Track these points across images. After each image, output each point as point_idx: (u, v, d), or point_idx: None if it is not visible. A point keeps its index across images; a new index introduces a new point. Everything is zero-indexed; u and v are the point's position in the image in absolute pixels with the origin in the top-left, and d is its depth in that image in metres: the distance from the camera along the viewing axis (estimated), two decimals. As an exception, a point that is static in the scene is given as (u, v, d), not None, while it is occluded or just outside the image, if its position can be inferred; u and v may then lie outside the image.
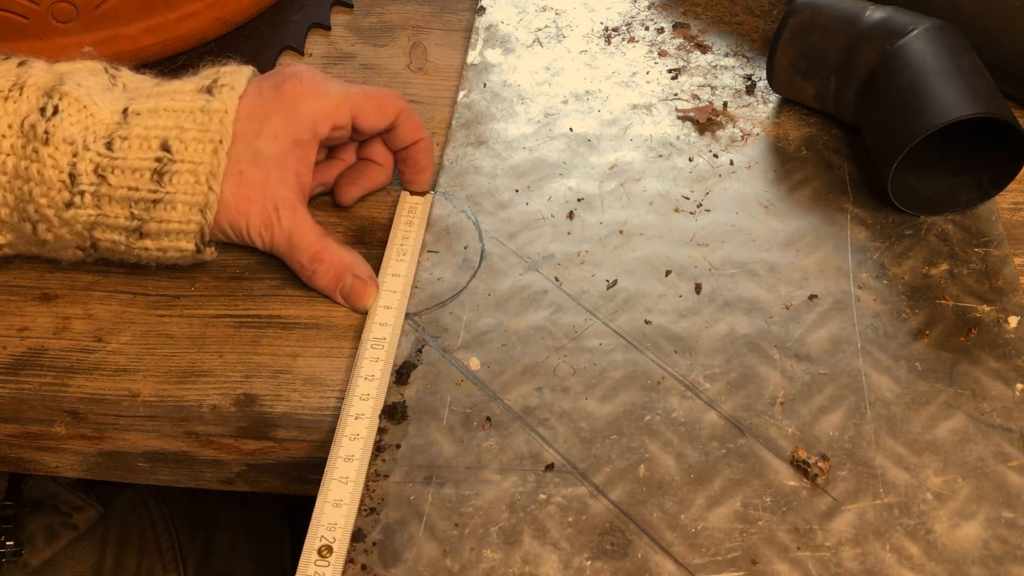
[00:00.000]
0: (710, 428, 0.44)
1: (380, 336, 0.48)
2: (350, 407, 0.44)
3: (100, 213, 0.46)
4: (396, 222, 0.53)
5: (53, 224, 0.46)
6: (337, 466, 0.42)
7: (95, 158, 0.45)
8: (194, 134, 0.46)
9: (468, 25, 0.68)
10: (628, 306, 0.49)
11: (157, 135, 0.46)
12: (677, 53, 0.64)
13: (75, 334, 0.49)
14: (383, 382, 0.45)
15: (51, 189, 0.45)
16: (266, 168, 0.48)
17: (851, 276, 0.50)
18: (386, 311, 0.49)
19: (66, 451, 0.47)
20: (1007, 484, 0.42)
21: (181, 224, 0.47)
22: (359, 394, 0.45)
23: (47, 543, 0.62)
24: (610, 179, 0.56)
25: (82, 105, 0.46)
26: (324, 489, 0.41)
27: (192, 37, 0.63)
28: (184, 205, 0.46)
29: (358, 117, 0.50)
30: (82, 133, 0.45)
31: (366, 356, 0.46)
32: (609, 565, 0.40)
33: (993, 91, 0.51)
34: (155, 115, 0.46)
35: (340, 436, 0.43)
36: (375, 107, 0.51)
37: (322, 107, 0.49)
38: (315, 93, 0.49)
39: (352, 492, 0.41)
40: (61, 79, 0.46)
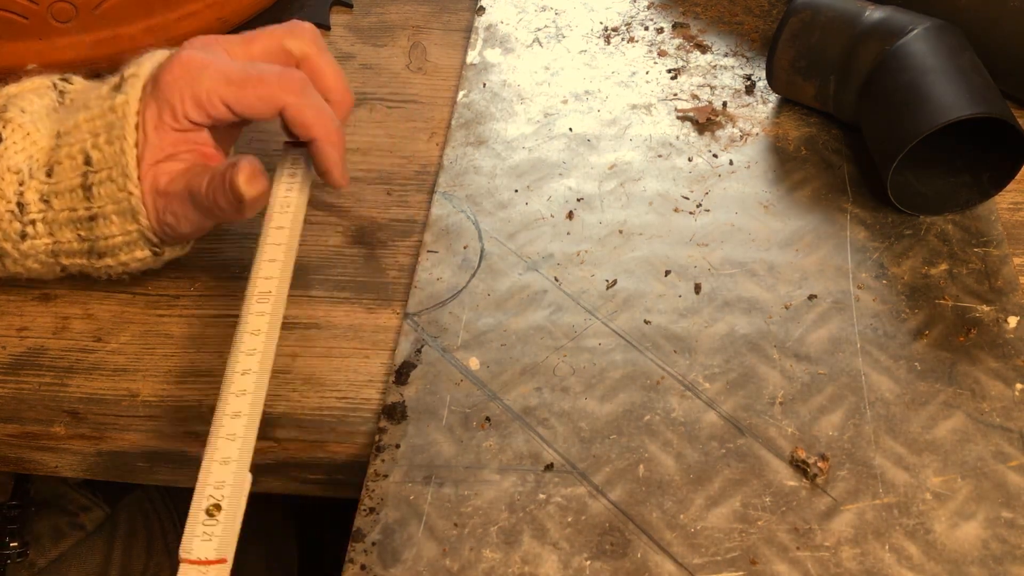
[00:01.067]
0: (710, 428, 0.44)
1: (266, 290, 0.44)
2: (235, 364, 0.41)
3: (55, 240, 0.46)
4: (278, 175, 0.48)
5: (15, 257, 0.46)
6: (224, 423, 0.39)
7: (39, 186, 0.45)
8: (104, 137, 0.45)
9: (468, 25, 0.68)
10: (628, 306, 0.49)
11: (80, 150, 0.45)
12: (677, 53, 0.64)
13: (75, 334, 0.49)
14: (271, 337, 0.43)
15: (2, 221, 0.45)
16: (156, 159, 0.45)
17: (851, 276, 0.50)
18: (271, 264, 0.45)
19: (66, 451, 0.47)
20: (1007, 484, 0.42)
21: (123, 236, 0.46)
22: (244, 350, 0.42)
23: (54, 543, 0.62)
24: (610, 179, 0.56)
25: (26, 132, 0.45)
26: (211, 448, 0.39)
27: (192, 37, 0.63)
28: (116, 216, 0.45)
29: (234, 107, 0.45)
30: (27, 162, 0.45)
31: (252, 311, 0.43)
32: (609, 565, 0.40)
33: (993, 91, 0.51)
34: (77, 130, 0.46)
35: (226, 393, 0.40)
36: (254, 99, 0.45)
37: (192, 94, 0.44)
38: (185, 79, 0.45)
39: (240, 449, 0.39)
40: (6, 105, 0.46)
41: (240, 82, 0.45)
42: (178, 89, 0.45)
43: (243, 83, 0.45)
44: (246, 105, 0.45)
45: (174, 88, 0.45)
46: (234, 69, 0.46)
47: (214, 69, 0.45)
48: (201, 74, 0.45)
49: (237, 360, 0.42)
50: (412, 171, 0.57)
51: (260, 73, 0.46)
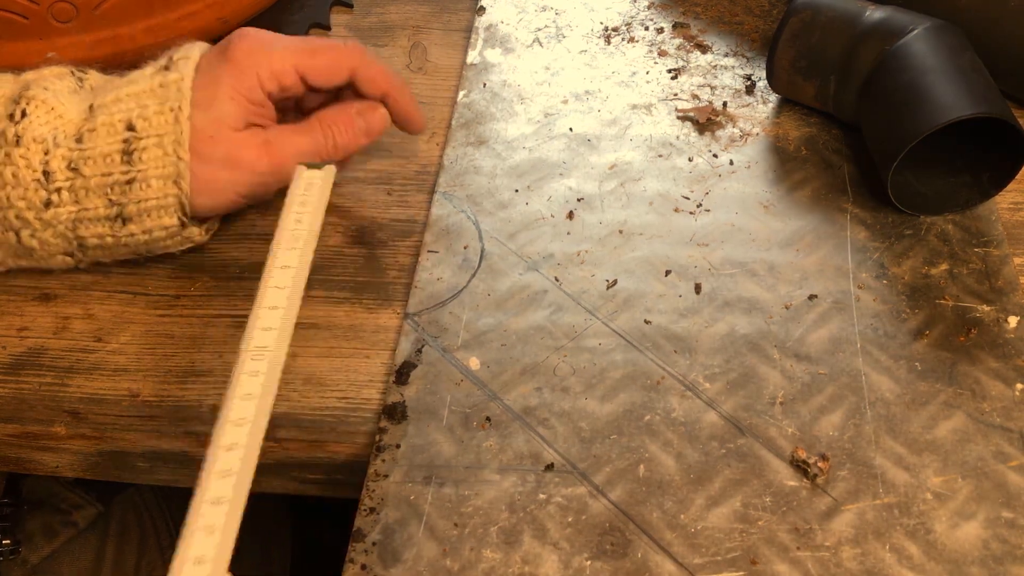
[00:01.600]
0: (710, 428, 0.44)
1: (263, 344, 0.40)
2: (221, 436, 0.37)
3: (80, 208, 0.46)
4: (288, 202, 0.47)
5: (35, 228, 0.46)
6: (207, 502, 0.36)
7: (66, 153, 0.46)
8: (155, 108, 0.46)
9: (468, 25, 0.68)
10: (628, 306, 0.49)
11: (122, 119, 0.46)
12: (677, 53, 0.64)
13: (75, 334, 0.49)
14: (264, 401, 0.39)
15: (27, 190, 0.45)
16: (232, 127, 0.47)
17: (851, 276, 0.50)
18: (272, 312, 0.42)
19: (66, 451, 0.47)
20: (1007, 484, 0.42)
21: (159, 200, 0.47)
22: (233, 419, 0.38)
23: (46, 541, 0.62)
24: (610, 179, 0.56)
25: (50, 107, 0.46)
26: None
27: (192, 37, 0.63)
28: (157, 180, 0.46)
29: (307, 75, 0.49)
30: (52, 132, 0.46)
31: (244, 370, 0.39)
32: (609, 565, 0.40)
33: (993, 91, 0.51)
34: (118, 103, 0.47)
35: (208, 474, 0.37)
36: (325, 65, 0.50)
37: (267, 65, 0.48)
38: (260, 51, 0.48)
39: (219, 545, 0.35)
40: (27, 85, 0.47)
41: (311, 52, 0.49)
42: (254, 60, 0.48)
43: (313, 52, 0.49)
44: (318, 72, 0.50)
45: (250, 59, 0.48)
46: (302, 42, 0.50)
47: (285, 42, 0.49)
48: (273, 45, 0.49)
49: (224, 431, 0.38)
50: (412, 171, 0.57)
51: (327, 43, 0.50)
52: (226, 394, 0.39)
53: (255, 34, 0.49)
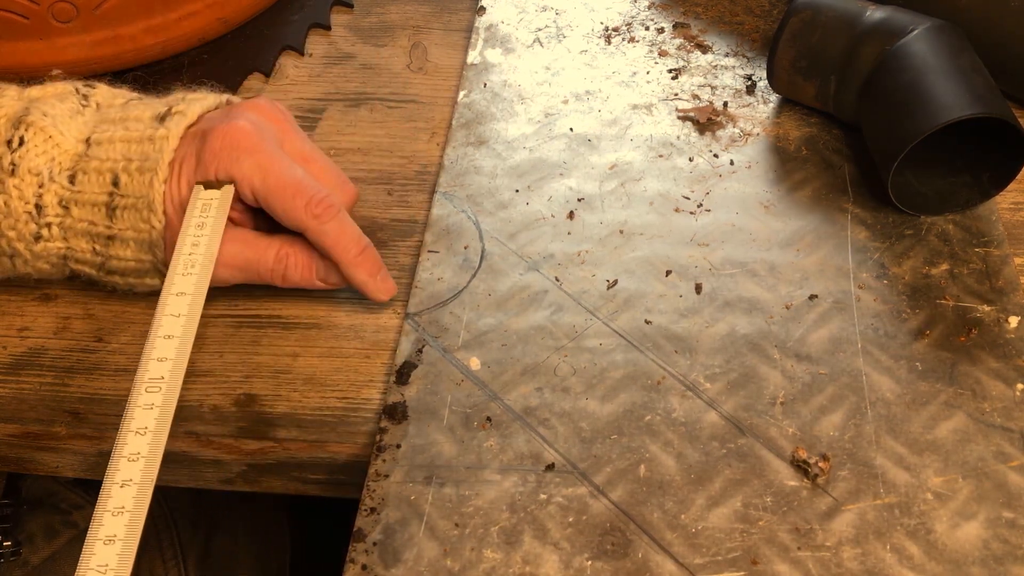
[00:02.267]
0: (710, 428, 0.44)
1: (157, 375, 0.40)
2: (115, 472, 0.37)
3: (68, 246, 0.46)
4: (185, 224, 0.45)
5: (27, 258, 0.47)
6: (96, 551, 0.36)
7: (59, 190, 0.45)
8: (137, 165, 0.46)
9: (468, 25, 0.68)
10: (628, 306, 0.49)
11: (109, 168, 0.46)
12: (677, 53, 0.64)
13: (75, 334, 0.49)
14: (158, 435, 0.38)
15: (18, 221, 0.45)
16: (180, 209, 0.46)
17: (851, 276, 0.50)
18: (167, 341, 0.41)
19: (66, 451, 0.47)
20: (1007, 484, 0.42)
21: (137, 263, 0.47)
22: (127, 454, 0.38)
23: (47, 541, 0.62)
24: (610, 179, 0.56)
25: (47, 135, 0.46)
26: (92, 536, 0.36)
27: (192, 37, 0.63)
28: (135, 243, 0.46)
29: (262, 203, 0.46)
30: (48, 164, 0.45)
31: (139, 403, 0.39)
32: (609, 565, 0.40)
33: (993, 91, 0.51)
34: (111, 146, 0.46)
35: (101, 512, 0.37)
36: (278, 206, 0.46)
37: (227, 171, 0.46)
38: (230, 154, 0.45)
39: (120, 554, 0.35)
40: (28, 108, 0.46)
41: (274, 186, 0.46)
42: (217, 162, 0.46)
43: (277, 188, 0.46)
44: (271, 209, 0.46)
45: (214, 159, 0.46)
46: (276, 168, 0.46)
47: (259, 157, 0.46)
48: (245, 157, 0.46)
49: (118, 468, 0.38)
50: (413, 171, 0.57)
51: (296, 185, 0.46)
52: (120, 428, 0.39)
53: (239, 131, 0.46)
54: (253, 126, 0.46)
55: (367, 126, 0.60)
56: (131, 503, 0.37)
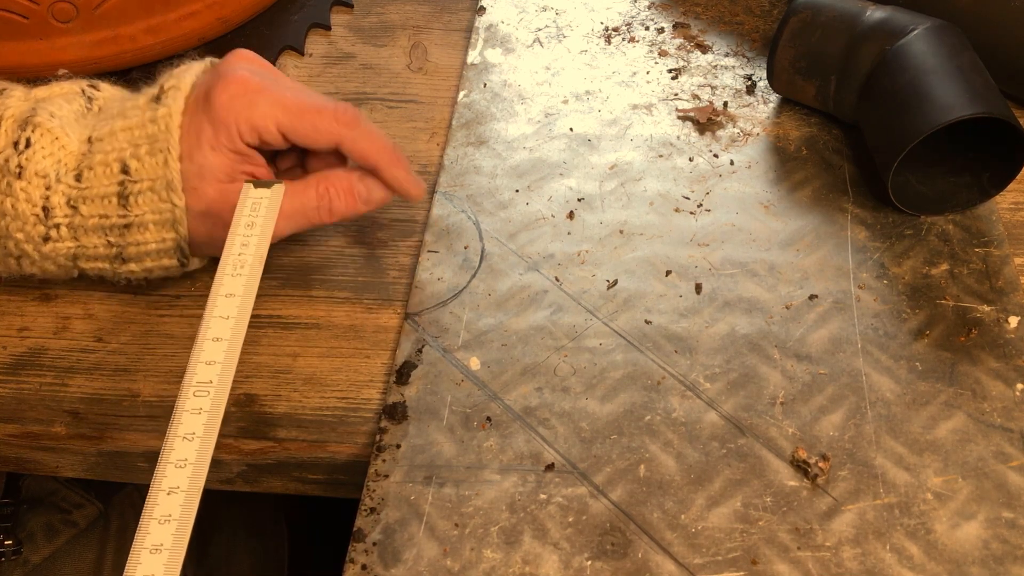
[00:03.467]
0: (710, 428, 0.44)
1: (206, 379, 0.39)
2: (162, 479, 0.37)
3: (79, 244, 0.46)
4: (235, 224, 0.45)
5: (34, 259, 0.47)
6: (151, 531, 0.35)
7: (66, 191, 0.45)
8: (146, 149, 0.45)
9: (468, 25, 0.68)
10: (628, 306, 0.49)
11: (116, 158, 0.46)
12: (677, 53, 0.64)
13: (75, 334, 0.49)
14: (207, 441, 0.38)
15: (26, 224, 0.45)
16: (216, 179, 0.46)
17: (851, 276, 0.50)
18: (216, 344, 0.40)
19: (66, 451, 0.47)
20: (1007, 484, 0.42)
21: (158, 244, 0.46)
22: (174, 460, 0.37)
23: (47, 540, 0.62)
24: (610, 179, 0.56)
25: (54, 136, 0.46)
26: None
27: (192, 37, 0.63)
28: (155, 224, 0.46)
29: (289, 135, 0.46)
30: (55, 166, 0.45)
31: (186, 408, 0.38)
32: (609, 565, 0.40)
33: (993, 91, 0.51)
34: (113, 138, 0.46)
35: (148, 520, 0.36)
36: (307, 128, 0.46)
37: (247, 117, 0.45)
38: (241, 103, 0.45)
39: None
40: (35, 109, 0.46)
41: (297, 111, 0.46)
42: (234, 111, 0.45)
43: (300, 112, 0.46)
44: (301, 135, 0.46)
45: (229, 110, 0.45)
46: (290, 97, 0.46)
47: (270, 94, 0.46)
48: (257, 98, 0.45)
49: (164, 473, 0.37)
50: (413, 171, 0.57)
51: (316, 104, 0.46)
52: (167, 432, 0.38)
53: (241, 79, 0.45)
54: (250, 72, 0.46)
55: (367, 126, 0.60)
56: (178, 511, 0.36)
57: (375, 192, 0.48)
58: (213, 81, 0.46)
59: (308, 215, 0.48)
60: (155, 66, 0.63)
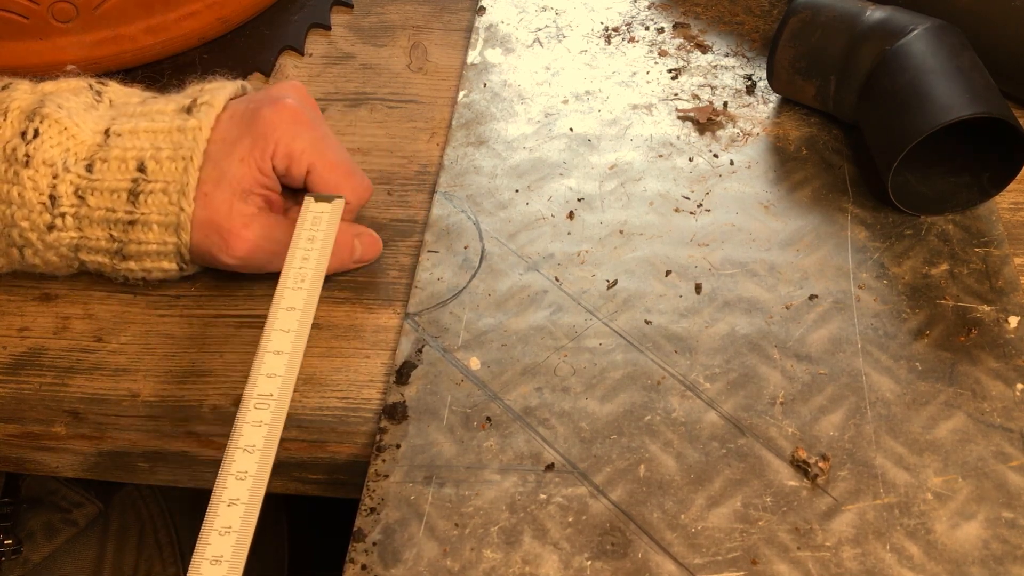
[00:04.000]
0: (710, 428, 0.44)
1: (267, 392, 0.39)
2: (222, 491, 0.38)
3: (82, 235, 0.47)
4: (296, 238, 0.46)
5: (38, 248, 0.47)
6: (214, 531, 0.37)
7: (75, 180, 0.46)
8: (168, 153, 0.46)
9: (468, 25, 0.68)
10: (628, 306, 0.49)
11: (134, 156, 0.46)
12: (677, 53, 0.64)
13: (75, 334, 0.49)
14: (267, 453, 0.38)
15: (32, 212, 0.46)
16: (230, 189, 0.46)
17: (851, 276, 0.50)
18: (276, 357, 0.41)
19: (66, 451, 0.47)
20: (1007, 484, 0.42)
21: (159, 246, 0.47)
22: (235, 472, 0.38)
23: (47, 539, 0.63)
24: (610, 179, 0.56)
25: (63, 127, 0.46)
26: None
27: (192, 37, 0.63)
28: (159, 226, 0.46)
29: (311, 180, 0.48)
30: (62, 155, 0.46)
31: (247, 420, 0.39)
32: (609, 565, 0.40)
33: (993, 91, 0.51)
34: (134, 136, 0.47)
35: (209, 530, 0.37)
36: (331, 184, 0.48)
37: (287, 144, 0.47)
38: (289, 128, 0.47)
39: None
40: (42, 101, 0.47)
41: (331, 164, 0.48)
42: (277, 132, 0.47)
43: (333, 167, 0.48)
44: (320, 186, 0.48)
45: (274, 129, 0.47)
46: (332, 148, 0.49)
47: (315, 135, 0.48)
48: (302, 131, 0.47)
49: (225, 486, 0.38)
50: (412, 171, 0.57)
51: (348, 167, 0.49)
52: (228, 445, 0.39)
53: (294, 110, 0.47)
54: (301, 106, 0.48)
55: (367, 126, 0.60)
56: (238, 523, 0.37)
57: (368, 254, 0.51)
58: (265, 101, 0.47)
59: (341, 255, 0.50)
60: (155, 66, 0.63)
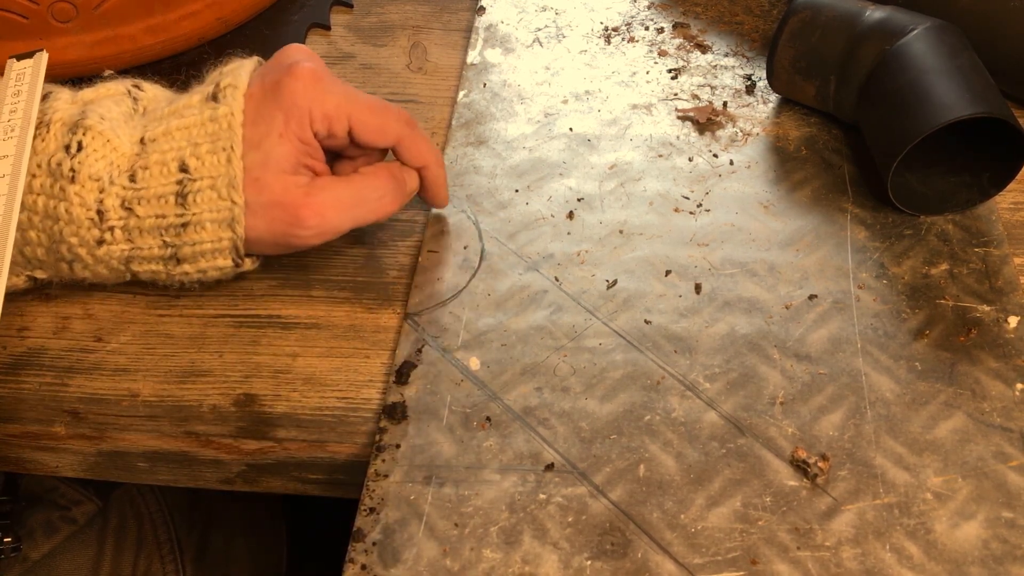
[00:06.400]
0: (710, 428, 0.44)
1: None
2: None
3: (133, 247, 0.46)
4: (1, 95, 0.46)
5: (88, 263, 0.46)
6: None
7: (121, 192, 0.45)
8: (207, 147, 0.45)
9: (468, 25, 0.68)
10: (628, 306, 0.49)
11: (174, 156, 0.45)
12: (677, 53, 0.64)
13: (75, 334, 0.49)
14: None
15: (80, 228, 0.45)
16: (281, 169, 0.46)
17: (851, 276, 0.50)
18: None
19: (66, 451, 0.47)
20: (1007, 484, 0.42)
21: (214, 243, 0.46)
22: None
23: (46, 537, 0.63)
24: (610, 179, 0.56)
25: (106, 139, 0.45)
26: None
27: (192, 37, 0.63)
28: (212, 223, 0.45)
29: (356, 129, 0.47)
30: (107, 169, 0.45)
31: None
32: (609, 565, 0.40)
33: (993, 91, 0.51)
34: (168, 137, 0.46)
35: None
36: (376, 125, 0.48)
37: (321, 106, 0.46)
38: (315, 91, 0.46)
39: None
40: (84, 112, 0.46)
41: (368, 108, 0.47)
42: (307, 99, 0.46)
43: (370, 108, 0.47)
44: (369, 128, 0.47)
45: (304, 97, 0.46)
46: (358, 93, 0.48)
47: (341, 88, 0.47)
48: (331, 88, 0.46)
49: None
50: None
51: (381, 103, 0.48)
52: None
53: (311, 72, 0.46)
54: (317, 65, 0.47)
55: (367, 126, 0.60)
56: None
57: (411, 186, 0.50)
58: (280, 73, 0.46)
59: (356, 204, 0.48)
60: (155, 66, 0.63)
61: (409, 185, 0.50)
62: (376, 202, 0.48)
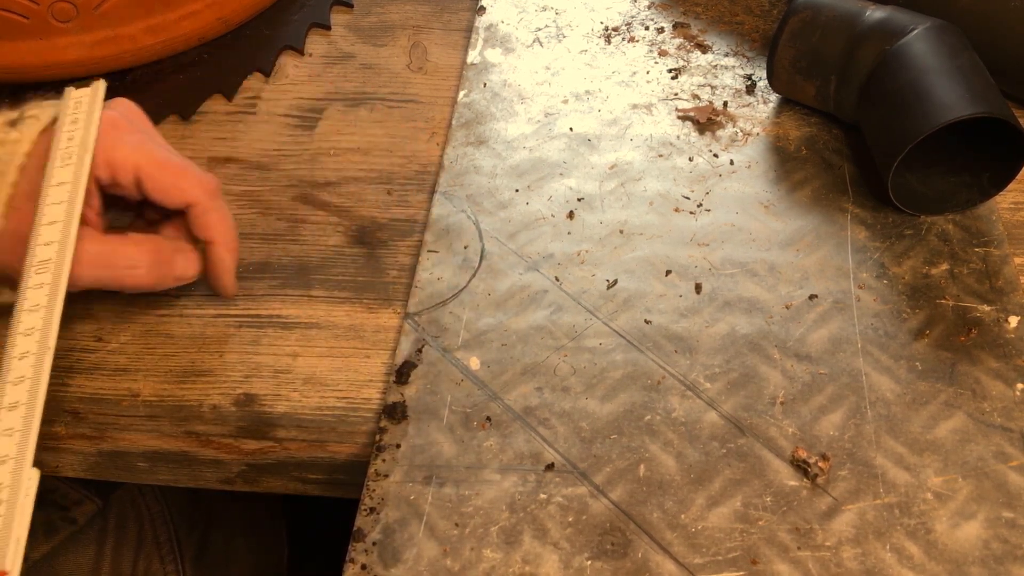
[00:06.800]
0: (710, 428, 0.44)
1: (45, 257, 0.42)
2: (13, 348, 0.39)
3: None
4: (61, 123, 0.46)
5: None
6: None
7: None
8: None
9: (468, 25, 0.68)
10: (628, 306, 0.49)
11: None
12: (677, 53, 0.64)
13: (75, 334, 0.49)
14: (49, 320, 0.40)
15: None
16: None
17: (851, 276, 0.50)
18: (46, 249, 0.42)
19: (66, 451, 0.47)
20: (1007, 484, 0.42)
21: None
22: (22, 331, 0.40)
23: (46, 537, 0.63)
24: (610, 179, 0.56)
25: None
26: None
27: (192, 37, 0.63)
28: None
29: (144, 183, 0.46)
30: None
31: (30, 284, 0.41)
32: (609, 565, 0.40)
33: (993, 91, 0.51)
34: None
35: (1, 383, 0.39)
36: (167, 183, 0.46)
37: (108, 152, 0.45)
38: (109, 140, 0.45)
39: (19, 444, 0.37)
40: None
41: (160, 164, 0.46)
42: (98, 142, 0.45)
43: (163, 166, 0.46)
44: (157, 186, 0.46)
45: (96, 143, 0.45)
46: (157, 149, 0.46)
47: (138, 141, 0.46)
48: (124, 140, 0.46)
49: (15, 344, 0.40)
50: (413, 171, 0.57)
51: (183, 164, 0.46)
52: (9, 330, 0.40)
53: (111, 120, 0.46)
54: (122, 116, 0.47)
55: (367, 126, 0.60)
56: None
57: (182, 266, 0.48)
58: None
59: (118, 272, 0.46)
60: (155, 66, 0.63)
61: (178, 267, 0.47)
62: (125, 270, 0.46)
